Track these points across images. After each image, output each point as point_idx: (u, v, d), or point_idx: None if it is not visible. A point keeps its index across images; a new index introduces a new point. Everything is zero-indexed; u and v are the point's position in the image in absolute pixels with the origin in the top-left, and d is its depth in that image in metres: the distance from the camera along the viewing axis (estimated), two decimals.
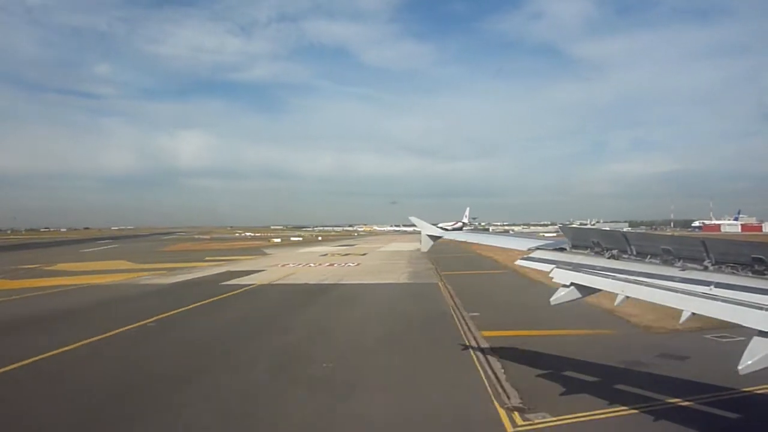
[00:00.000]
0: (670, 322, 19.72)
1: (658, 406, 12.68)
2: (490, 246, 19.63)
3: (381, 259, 66.41)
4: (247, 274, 45.12)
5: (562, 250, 13.67)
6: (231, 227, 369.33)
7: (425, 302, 29.22)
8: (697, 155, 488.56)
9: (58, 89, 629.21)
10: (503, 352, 17.12)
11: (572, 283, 11.86)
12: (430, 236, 19.46)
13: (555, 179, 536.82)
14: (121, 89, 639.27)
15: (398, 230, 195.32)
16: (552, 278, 12.50)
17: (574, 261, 12.64)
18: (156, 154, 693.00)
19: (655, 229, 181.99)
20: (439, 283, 36.63)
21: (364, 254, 75.83)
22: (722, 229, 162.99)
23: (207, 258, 69.38)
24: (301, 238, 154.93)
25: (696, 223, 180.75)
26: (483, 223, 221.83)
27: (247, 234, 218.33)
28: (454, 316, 24.50)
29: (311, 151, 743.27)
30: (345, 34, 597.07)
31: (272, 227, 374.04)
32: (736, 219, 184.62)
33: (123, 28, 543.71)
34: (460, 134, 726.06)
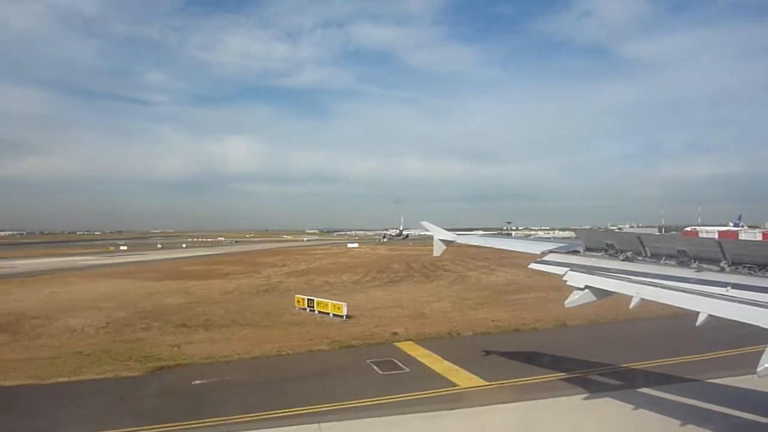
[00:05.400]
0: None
1: None
2: (502, 250, 19.99)
3: None
4: None
5: (575, 252, 14.09)
6: (266, 230, 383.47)
7: None
8: (760, 158, 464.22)
9: (113, 96, 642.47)
10: None
11: (587, 286, 12.17)
12: (443, 240, 19.91)
13: (603, 183, 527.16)
14: (172, 96, 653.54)
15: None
16: (566, 282, 12.80)
17: (588, 264, 12.92)
18: (204, 158, 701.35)
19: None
20: None
21: None
22: (699, 235, 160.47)
23: None
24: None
25: (688, 229, 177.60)
26: (514, 228, 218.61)
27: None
28: None
29: (356, 155, 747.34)
30: (389, 37, 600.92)
31: (307, 231, 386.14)
32: (736, 225, 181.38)
33: (175, 36, 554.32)
34: (505, 137, 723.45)
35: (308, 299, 38.76)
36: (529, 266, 15.43)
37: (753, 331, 8.48)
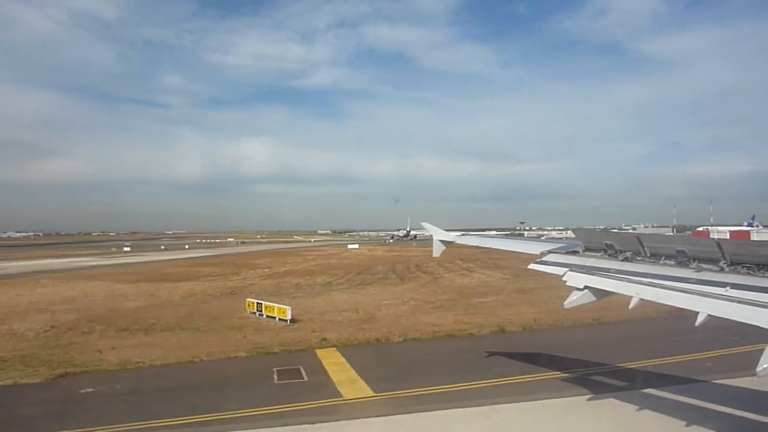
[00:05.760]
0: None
1: None
2: (502, 250, 19.36)
3: None
4: None
5: (575, 253, 14.14)
6: (279, 231, 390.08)
7: None
8: None
9: (131, 100, 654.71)
10: None
11: (586, 287, 12.23)
12: (442, 241, 19.49)
13: (622, 182, 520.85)
14: (189, 99, 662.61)
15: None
16: (565, 282, 12.87)
17: (588, 264, 12.98)
18: (220, 160, 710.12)
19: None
20: None
21: None
22: (711, 235, 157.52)
23: None
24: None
25: (700, 229, 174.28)
26: (527, 228, 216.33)
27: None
28: None
29: (370, 156, 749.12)
30: (404, 38, 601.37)
31: (319, 231, 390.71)
32: (749, 224, 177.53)
33: (191, 39, 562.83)
34: (522, 137, 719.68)
35: (257, 303, 38.21)
36: (528, 266, 15.34)
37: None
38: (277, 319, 35.24)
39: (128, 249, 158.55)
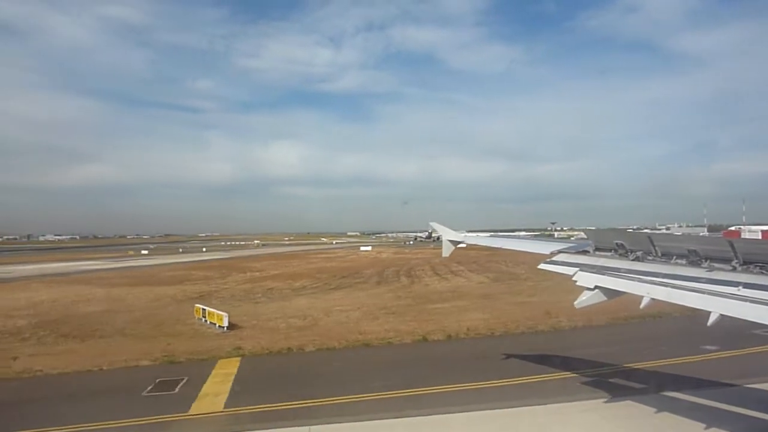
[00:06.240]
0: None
1: None
2: (512, 250, 18.85)
3: None
4: None
5: (585, 252, 13.76)
6: (308, 233, 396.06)
7: None
8: None
9: (164, 105, 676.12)
10: None
11: (596, 286, 11.88)
12: (451, 241, 19.18)
13: (650, 181, 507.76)
14: (220, 103, 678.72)
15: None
16: (576, 282, 12.43)
17: (598, 263, 12.65)
18: (251, 163, 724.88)
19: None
20: None
21: None
22: (742, 235, 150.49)
23: None
24: None
25: (732, 228, 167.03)
26: (558, 229, 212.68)
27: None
28: None
29: (398, 157, 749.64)
30: (431, 39, 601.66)
31: (348, 233, 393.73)
32: None
33: (221, 44, 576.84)
34: (549, 136, 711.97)
35: (203, 309, 38.13)
36: (539, 266, 14.65)
37: None
38: (217, 325, 35.05)
39: (146, 252, 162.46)
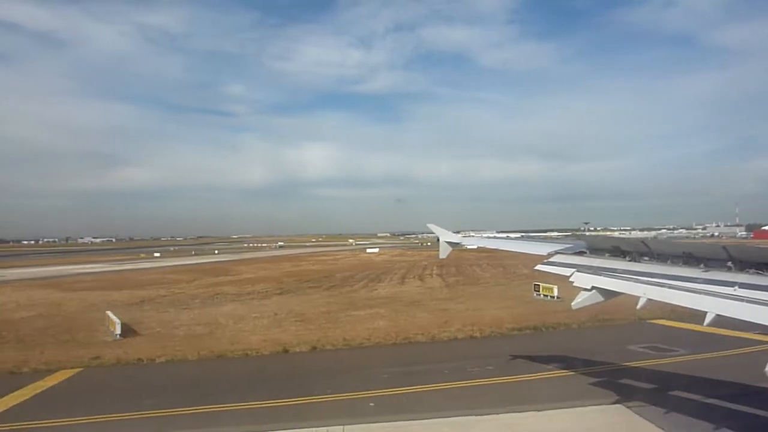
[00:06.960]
0: None
1: None
2: (509, 251, 18.98)
3: None
4: None
5: (581, 253, 13.81)
6: (340, 234, 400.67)
7: None
8: None
9: (199, 109, 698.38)
10: None
11: (593, 287, 11.97)
12: (449, 243, 19.12)
13: (689, 180, 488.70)
14: (253, 106, 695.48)
15: None
16: (573, 283, 12.54)
17: (595, 264, 12.72)
18: (284, 165, 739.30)
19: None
20: None
21: None
22: None
23: None
24: None
25: (766, 228, 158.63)
26: (591, 229, 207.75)
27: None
28: None
29: (430, 158, 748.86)
30: (462, 38, 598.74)
31: (379, 234, 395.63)
32: None
33: (253, 48, 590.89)
34: (584, 135, 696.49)
35: (110, 316, 38.50)
36: (536, 268, 14.76)
37: None
38: (114, 333, 35.29)
39: (158, 255, 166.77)
